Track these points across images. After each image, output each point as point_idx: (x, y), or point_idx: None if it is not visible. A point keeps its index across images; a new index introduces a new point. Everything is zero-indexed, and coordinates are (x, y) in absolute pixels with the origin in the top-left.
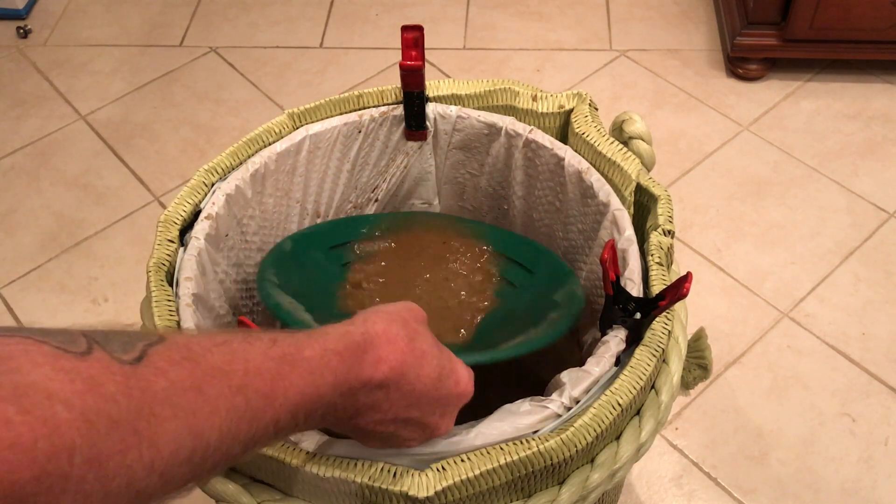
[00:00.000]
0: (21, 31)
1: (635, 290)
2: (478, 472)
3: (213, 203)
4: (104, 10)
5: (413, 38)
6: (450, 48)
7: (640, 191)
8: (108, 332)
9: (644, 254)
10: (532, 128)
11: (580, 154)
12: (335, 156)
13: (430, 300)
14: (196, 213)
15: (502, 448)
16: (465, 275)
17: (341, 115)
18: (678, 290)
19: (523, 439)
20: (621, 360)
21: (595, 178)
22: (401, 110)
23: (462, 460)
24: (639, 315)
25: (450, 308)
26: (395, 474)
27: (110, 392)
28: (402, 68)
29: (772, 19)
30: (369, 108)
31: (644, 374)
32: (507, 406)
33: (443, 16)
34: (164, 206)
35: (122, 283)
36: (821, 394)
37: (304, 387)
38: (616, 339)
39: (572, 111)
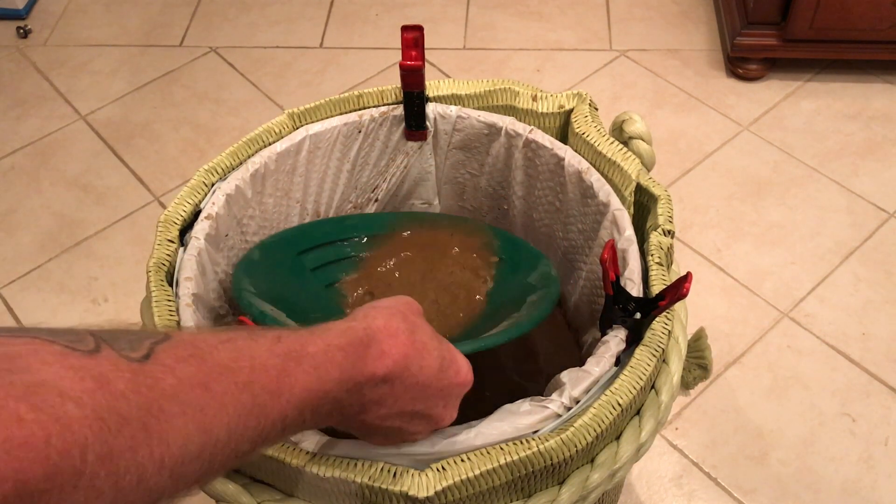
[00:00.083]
0: (21, 31)
1: (635, 290)
2: (478, 472)
3: (213, 203)
4: (104, 10)
5: (413, 38)
6: (450, 48)
7: (640, 191)
8: (114, 330)
9: (644, 254)
10: (532, 128)
11: (580, 154)
12: (335, 156)
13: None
14: (196, 213)
15: (502, 448)
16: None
17: (341, 115)
18: (678, 290)
19: (523, 439)
20: (621, 360)
21: (595, 178)
22: (401, 110)
23: (462, 460)
24: (639, 315)
25: (443, 306)
26: (395, 474)
27: (120, 389)
28: (402, 68)
29: (772, 19)
30: (369, 108)
31: (644, 374)
32: (507, 406)
33: (443, 16)
34: (164, 206)
35: (122, 283)
36: (821, 394)
37: (309, 382)
38: (616, 339)
39: (572, 111)
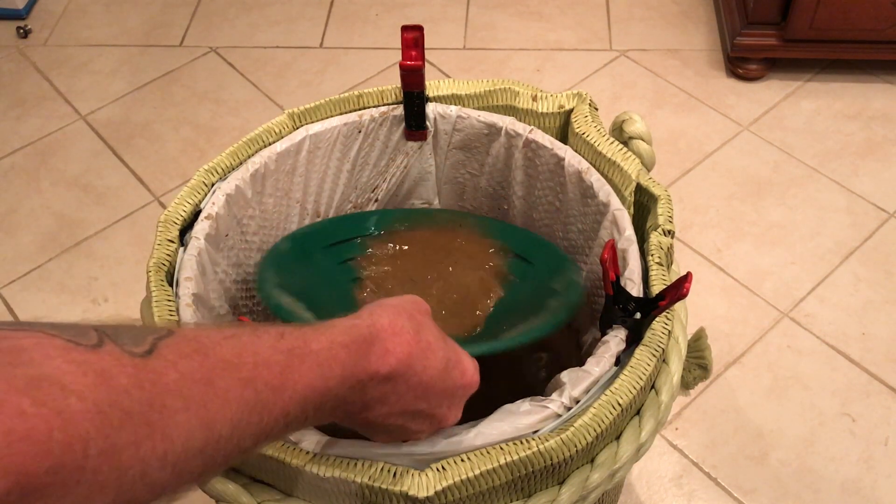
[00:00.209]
0: (21, 31)
1: (635, 290)
2: (478, 472)
3: (213, 203)
4: (104, 10)
5: (413, 38)
6: (450, 48)
7: (640, 191)
8: (117, 325)
9: (644, 254)
10: (532, 128)
11: (580, 154)
12: (335, 156)
13: (437, 296)
14: (196, 213)
15: (502, 448)
16: (472, 270)
17: (341, 115)
18: (678, 290)
19: (523, 439)
20: (621, 360)
21: (595, 178)
22: (401, 110)
23: (462, 460)
24: (639, 315)
25: (457, 304)
26: (395, 474)
27: (122, 384)
28: (402, 68)
29: (772, 19)
30: (369, 108)
31: (644, 374)
32: (507, 406)
33: (443, 16)
34: (164, 206)
35: (122, 283)
36: (821, 394)
37: (312, 379)
38: (616, 339)
39: (572, 111)
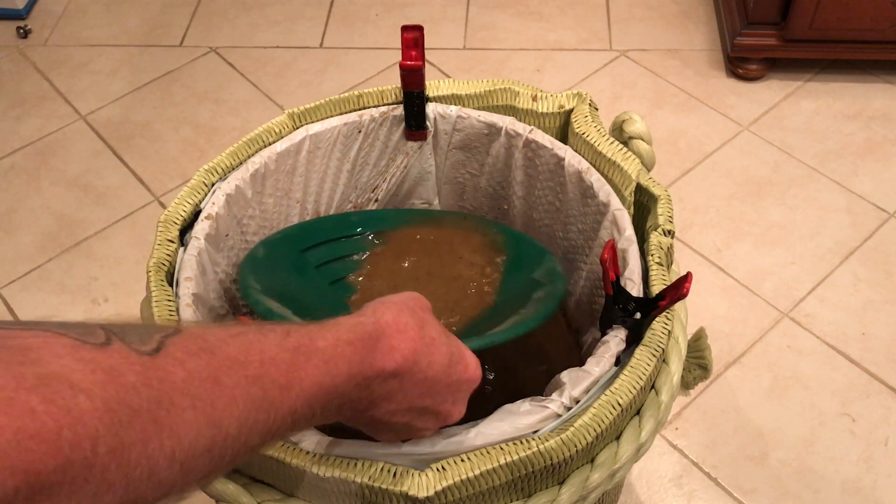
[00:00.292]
0: (21, 31)
1: (635, 290)
2: (478, 472)
3: (213, 203)
4: (104, 10)
5: (413, 38)
6: (450, 48)
7: (640, 191)
8: (124, 324)
9: (644, 254)
10: (532, 128)
11: (580, 154)
12: (335, 156)
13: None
14: (196, 213)
15: (502, 448)
16: (462, 271)
17: (341, 115)
18: (678, 290)
19: (523, 439)
20: (621, 360)
21: (595, 178)
22: (401, 110)
23: (462, 460)
24: (639, 315)
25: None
26: (395, 474)
27: (130, 382)
28: (402, 68)
29: (772, 19)
30: (369, 108)
31: (644, 374)
32: (507, 406)
33: (443, 16)
34: (164, 206)
35: (122, 283)
36: (821, 394)
37: (319, 377)
38: (616, 339)
39: (572, 111)
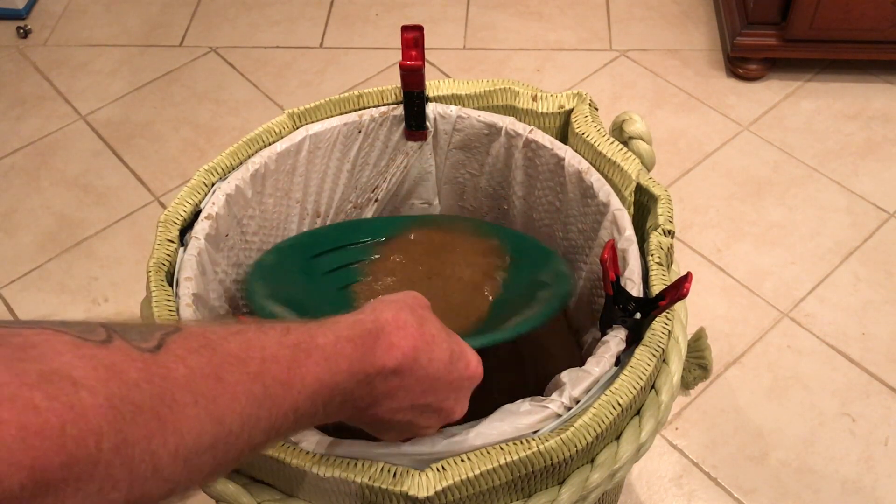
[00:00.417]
0: (21, 31)
1: (635, 290)
2: (478, 472)
3: (213, 203)
4: (104, 10)
5: (413, 38)
6: (450, 48)
7: (640, 191)
8: (125, 322)
9: (644, 254)
10: (532, 128)
11: (580, 154)
12: (335, 156)
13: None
14: (196, 213)
15: (502, 448)
16: (465, 274)
17: (341, 115)
18: (678, 290)
19: (523, 439)
20: (621, 360)
21: (595, 178)
22: (401, 110)
23: (462, 460)
24: (639, 315)
25: (451, 308)
26: (395, 474)
27: (132, 378)
28: (402, 68)
29: (772, 19)
30: (369, 108)
31: (644, 374)
32: (507, 406)
33: (443, 16)
34: (164, 206)
35: (122, 283)
36: (821, 394)
37: (320, 373)
38: (616, 339)
39: (572, 111)
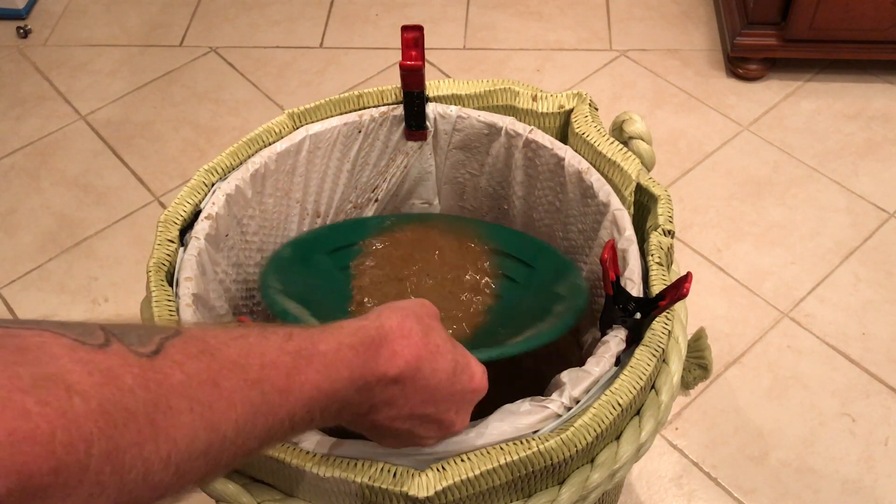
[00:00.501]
0: (21, 31)
1: (635, 290)
2: (478, 472)
3: (213, 203)
4: (104, 10)
5: (413, 38)
6: (450, 48)
7: (640, 191)
8: (124, 325)
9: (644, 254)
10: (532, 128)
11: (580, 154)
12: (335, 156)
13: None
14: (196, 213)
15: (502, 448)
16: (467, 274)
17: (341, 115)
18: (678, 290)
19: (523, 439)
20: (621, 360)
21: (595, 178)
22: (401, 110)
23: (462, 460)
24: (639, 315)
25: (454, 307)
26: (395, 474)
27: (128, 384)
28: (402, 68)
29: (772, 19)
30: (369, 108)
31: (644, 374)
32: (507, 406)
33: (443, 16)
34: (164, 206)
35: (122, 283)
36: (821, 394)
37: (319, 381)
38: (616, 339)
39: (572, 111)
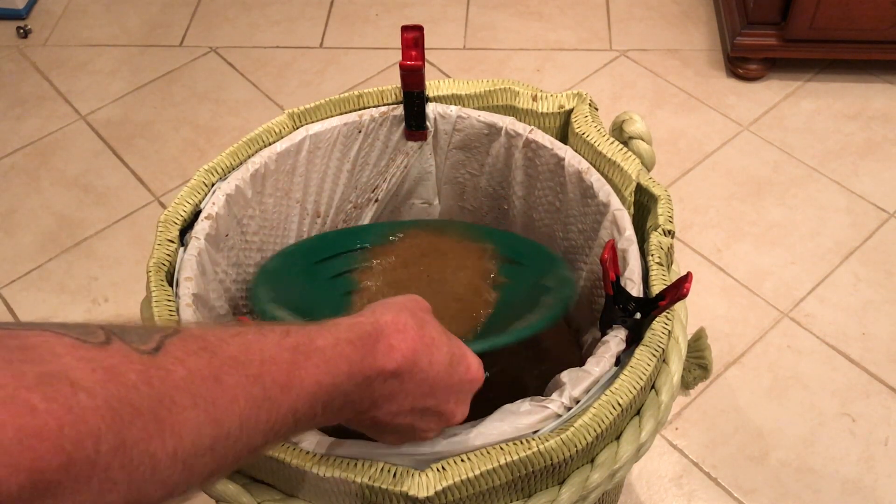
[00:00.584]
0: (21, 31)
1: (635, 290)
2: (478, 472)
3: (213, 203)
4: (104, 10)
5: (413, 38)
6: (450, 48)
7: (640, 191)
8: (124, 324)
9: (644, 254)
10: (532, 128)
11: (580, 154)
12: (335, 156)
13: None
14: (196, 213)
15: (502, 448)
16: (466, 276)
17: (341, 115)
18: (678, 290)
19: (523, 439)
20: (621, 360)
21: (595, 178)
22: (401, 110)
23: (462, 460)
24: (639, 315)
25: (454, 310)
26: (395, 474)
27: (131, 380)
28: (402, 68)
29: (772, 19)
30: (369, 108)
31: (644, 374)
32: (507, 406)
33: (443, 16)
34: (164, 206)
35: (122, 283)
36: (821, 394)
37: (319, 375)
38: (616, 339)
39: (572, 111)
